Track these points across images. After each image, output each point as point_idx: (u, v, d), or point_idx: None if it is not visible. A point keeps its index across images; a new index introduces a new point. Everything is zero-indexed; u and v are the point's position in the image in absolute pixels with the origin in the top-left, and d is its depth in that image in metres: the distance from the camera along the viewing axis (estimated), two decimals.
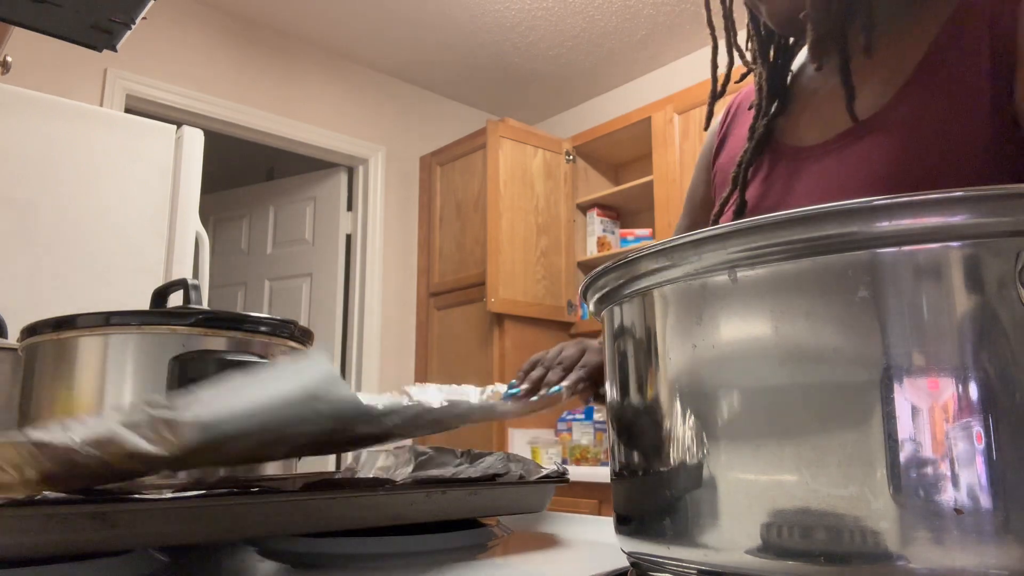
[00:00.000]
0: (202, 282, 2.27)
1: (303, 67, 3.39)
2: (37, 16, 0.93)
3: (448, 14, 3.14)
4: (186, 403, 0.45)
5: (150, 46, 2.95)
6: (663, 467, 0.36)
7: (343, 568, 0.49)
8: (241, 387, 0.47)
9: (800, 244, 0.31)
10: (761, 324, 0.32)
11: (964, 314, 0.29)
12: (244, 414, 0.45)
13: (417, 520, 0.53)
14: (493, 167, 3.17)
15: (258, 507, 0.45)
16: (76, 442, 0.41)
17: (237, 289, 3.69)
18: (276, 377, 0.48)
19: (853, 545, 0.29)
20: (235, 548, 0.56)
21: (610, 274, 0.39)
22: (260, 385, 0.47)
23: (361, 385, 3.39)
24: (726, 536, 0.33)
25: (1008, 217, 0.29)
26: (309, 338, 0.78)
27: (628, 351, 0.40)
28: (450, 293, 3.40)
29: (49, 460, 0.41)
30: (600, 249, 3.29)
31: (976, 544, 0.27)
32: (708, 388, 0.34)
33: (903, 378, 0.29)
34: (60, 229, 2.00)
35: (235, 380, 0.47)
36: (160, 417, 0.44)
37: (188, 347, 0.66)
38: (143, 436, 0.43)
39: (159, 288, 0.80)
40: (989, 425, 0.28)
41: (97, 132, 2.10)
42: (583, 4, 3.08)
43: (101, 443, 0.42)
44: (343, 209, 3.54)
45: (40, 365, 0.68)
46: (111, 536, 0.40)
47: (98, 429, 0.43)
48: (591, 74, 3.60)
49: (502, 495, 0.59)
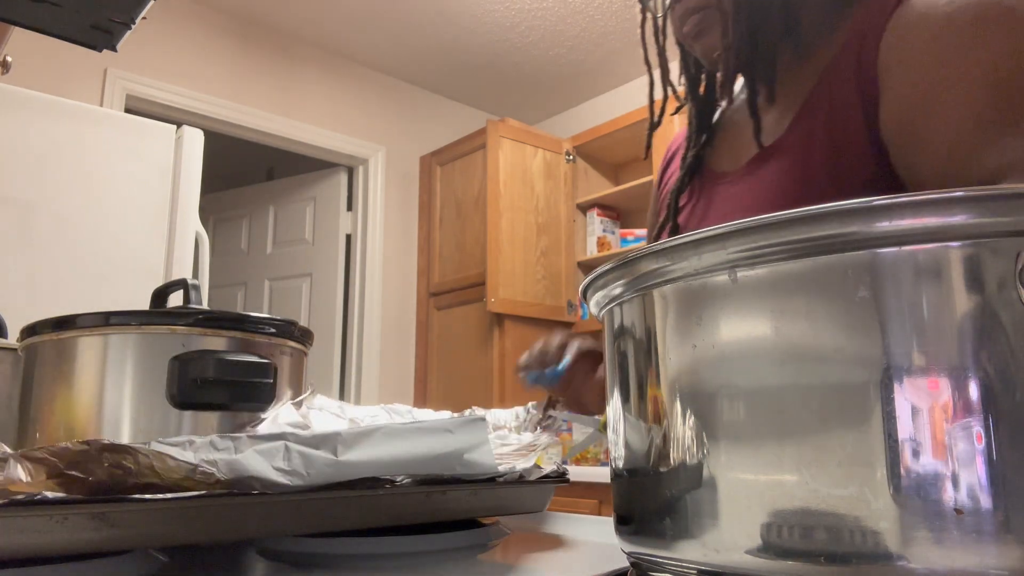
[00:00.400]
0: (202, 282, 2.27)
1: (303, 67, 3.39)
2: (37, 16, 0.93)
3: (448, 14, 3.14)
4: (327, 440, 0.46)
5: (150, 46, 2.95)
6: (663, 467, 0.36)
7: (343, 568, 0.49)
8: (393, 436, 0.48)
9: (800, 244, 0.31)
10: (761, 324, 0.32)
11: (964, 314, 0.29)
12: (388, 461, 0.47)
13: (417, 520, 0.53)
14: (493, 167, 3.17)
15: (258, 507, 0.45)
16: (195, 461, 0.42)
17: (237, 289, 3.69)
18: (431, 431, 0.49)
19: (853, 545, 0.29)
20: (235, 548, 0.56)
21: (610, 274, 0.39)
22: (414, 438, 0.49)
23: (361, 385, 3.39)
24: (726, 536, 0.33)
25: (1008, 217, 0.29)
26: (309, 338, 0.78)
27: (628, 351, 0.40)
28: (450, 293, 3.40)
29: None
30: (600, 249, 3.29)
31: (976, 544, 0.27)
32: (708, 388, 0.34)
33: (903, 378, 0.29)
34: (60, 229, 2.00)
35: (386, 428, 0.48)
36: (299, 451, 0.44)
37: (188, 347, 0.66)
38: (276, 467, 0.44)
39: (159, 288, 0.80)
40: (989, 425, 0.28)
41: (97, 132, 2.10)
42: (583, 4, 3.08)
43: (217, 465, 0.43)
44: (343, 209, 3.54)
45: (40, 365, 0.68)
46: (111, 536, 0.40)
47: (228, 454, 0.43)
48: (591, 74, 3.60)
49: (502, 495, 0.59)
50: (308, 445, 0.45)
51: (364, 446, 0.46)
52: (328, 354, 3.39)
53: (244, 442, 0.45)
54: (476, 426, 0.50)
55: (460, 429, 0.49)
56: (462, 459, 0.49)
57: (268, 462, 0.44)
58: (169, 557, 0.51)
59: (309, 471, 0.44)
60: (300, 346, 0.76)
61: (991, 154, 0.57)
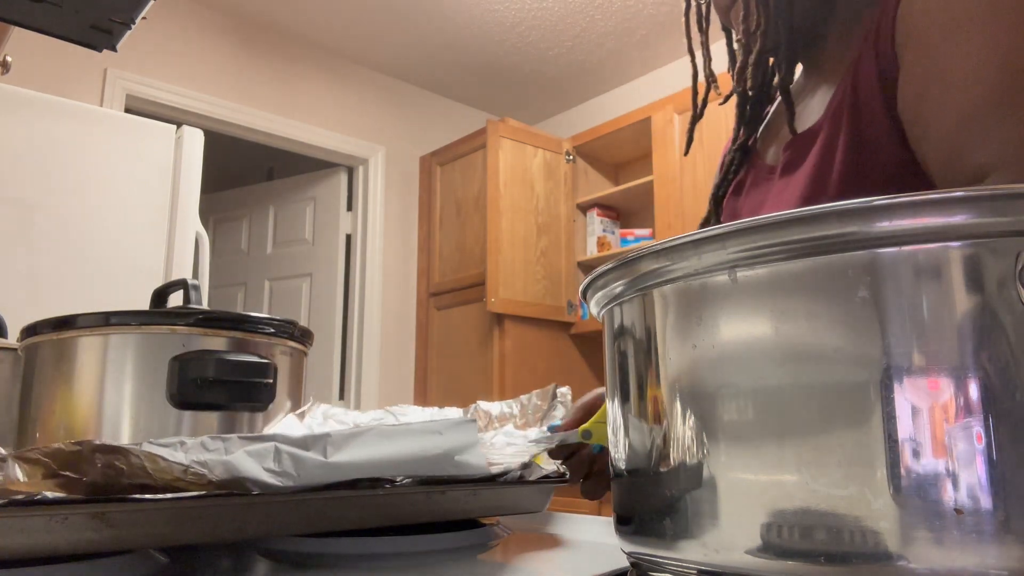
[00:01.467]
0: (202, 282, 2.27)
1: (303, 67, 3.39)
2: (37, 16, 0.93)
3: (448, 14, 3.14)
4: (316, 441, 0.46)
5: (150, 46, 2.95)
6: (663, 467, 0.36)
7: (343, 568, 0.49)
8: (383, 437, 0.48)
9: (800, 244, 0.31)
10: (761, 324, 0.32)
11: (964, 314, 0.29)
12: (377, 462, 0.47)
13: (417, 520, 0.53)
14: (493, 167, 3.17)
15: (258, 507, 0.45)
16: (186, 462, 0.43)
17: (237, 289, 3.69)
18: (420, 432, 0.50)
19: (853, 545, 0.29)
20: (235, 548, 0.56)
21: (610, 274, 0.39)
22: (403, 439, 0.49)
23: (361, 385, 3.39)
24: (726, 536, 0.33)
25: (1008, 217, 0.29)
26: (309, 338, 0.78)
27: (628, 351, 0.40)
28: (450, 293, 3.40)
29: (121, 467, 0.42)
30: (600, 249, 3.29)
31: (976, 544, 0.27)
32: (708, 388, 0.34)
33: (903, 378, 0.29)
34: (60, 229, 2.00)
35: (376, 429, 0.49)
36: (289, 452, 0.45)
37: (188, 347, 0.66)
38: (267, 468, 0.44)
39: (159, 288, 0.80)
40: (989, 425, 0.28)
41: (97, 132, 2.10)
42: (583, 4, 3.08)
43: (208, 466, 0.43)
44: (343, 209, 3.54)
45: (40, 365, 0.68)
46: (111, 536, 0.40)
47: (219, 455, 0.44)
48: (591, 74, 3.60)
49: (502, 495, 0.59)
50: (298, 446, 0.46)
51: (354, 447, 0.47)
52: (328, 354, 3.39)
53: (235, 443, 0.45)
54: (466, 427, 0.50)
55: (450, 431, 0.50)
56: (453, 460, 0.49)
57: (259, 463, 0.44)
58: (169, 557, 0.51)
59: (300, 472, 0.45)
60: (300, 346, 0.76)
61: (980, 149, 0.55)
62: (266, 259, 3.66)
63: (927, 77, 0.59)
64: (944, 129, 0.58)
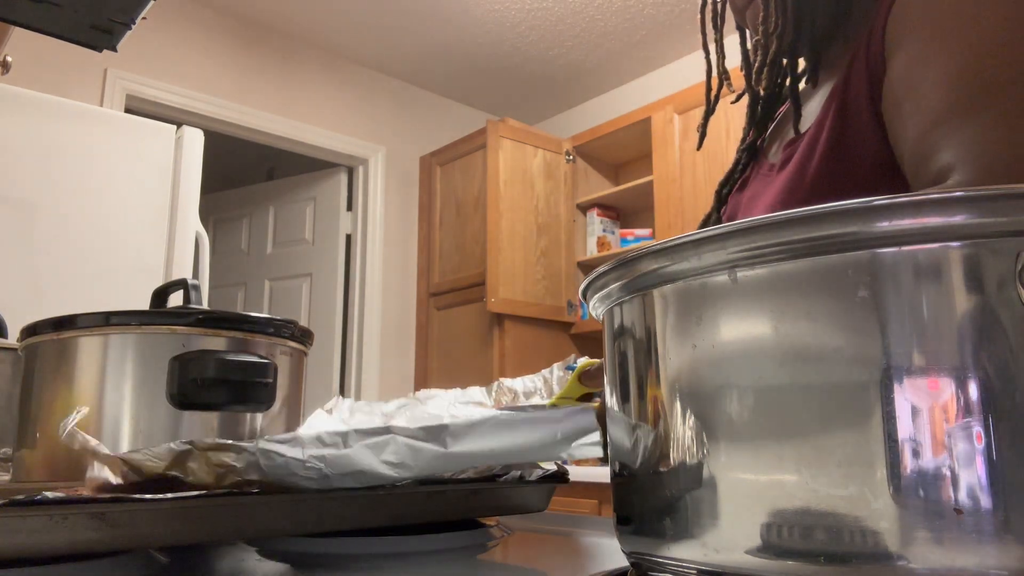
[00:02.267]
0: (202, 282, 2.27)
1: (303, 67, 3.39)
2: (37, 16, 0.93)
3: (448, 14, 3.14)
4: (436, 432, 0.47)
5: (150, 46, 2.95)
6: (663, 467, 0.36)
7: (343, 568, 0.49)
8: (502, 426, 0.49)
9: (800, 244, 0.31)
10: (761, 324, 0.32)
11: (964, 314, 0.29)
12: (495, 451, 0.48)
13: (417, 520, 0.53)
14: (493, 167, 3.17)
15: (258, 507, 0.45)
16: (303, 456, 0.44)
17: (237, 289, 3.69)
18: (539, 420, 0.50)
19: (853, 545, 0.29)
20: (235, 548, 0.56)
21: (610, 274, 0.39)
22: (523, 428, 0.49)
23: (361, 385, 3.39)
24: (726, 536, 0.33)
25: (1008, 217, 0.29)
26: (309, 338, 0.78)
27: (628, 351, 0.40)
28: (450, 293, 3.40)
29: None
30: (600, 249, 3.29)
31: (976, 544, 0.27)
32: (708, 388, 0.34)
33: (903, 378, 0.29)
34: (60, 229, 2.00)
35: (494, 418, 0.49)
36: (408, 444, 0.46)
37: (188, 347, 0.66)
38: (384, 460, 0.46)
39: (159, 288, 0.80)
40: (989, 425, 0.28)
41: (97, 132, 2.10)
42: (583, 4, 3.08)
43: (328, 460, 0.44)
44: (343, 209, 3.54)
45: (40, 365, 0.68)
46: (111, 536, 0.40)
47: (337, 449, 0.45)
48: (591, 74, 3.60)
49: (502, 495, 0.59)
50: (416, 438, 0.47)
51: (473, 437, 0.48)
52: (328, 354, 3.39)
53: (352, 436, 0.47)
54: (584, 414, 0.50)
55: (569, 417, 0.49)
56: (571, 446, 0.49)
57: (376, 456, 0.46)
58: (169, 557, 0.51)
59: (416, 463, 0.46)
60: (300, 346, 0.76)
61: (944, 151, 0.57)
62: (266, 259, 3.66)
63: (908, 81, 0.61)
64: (917, 131, 0.60)
